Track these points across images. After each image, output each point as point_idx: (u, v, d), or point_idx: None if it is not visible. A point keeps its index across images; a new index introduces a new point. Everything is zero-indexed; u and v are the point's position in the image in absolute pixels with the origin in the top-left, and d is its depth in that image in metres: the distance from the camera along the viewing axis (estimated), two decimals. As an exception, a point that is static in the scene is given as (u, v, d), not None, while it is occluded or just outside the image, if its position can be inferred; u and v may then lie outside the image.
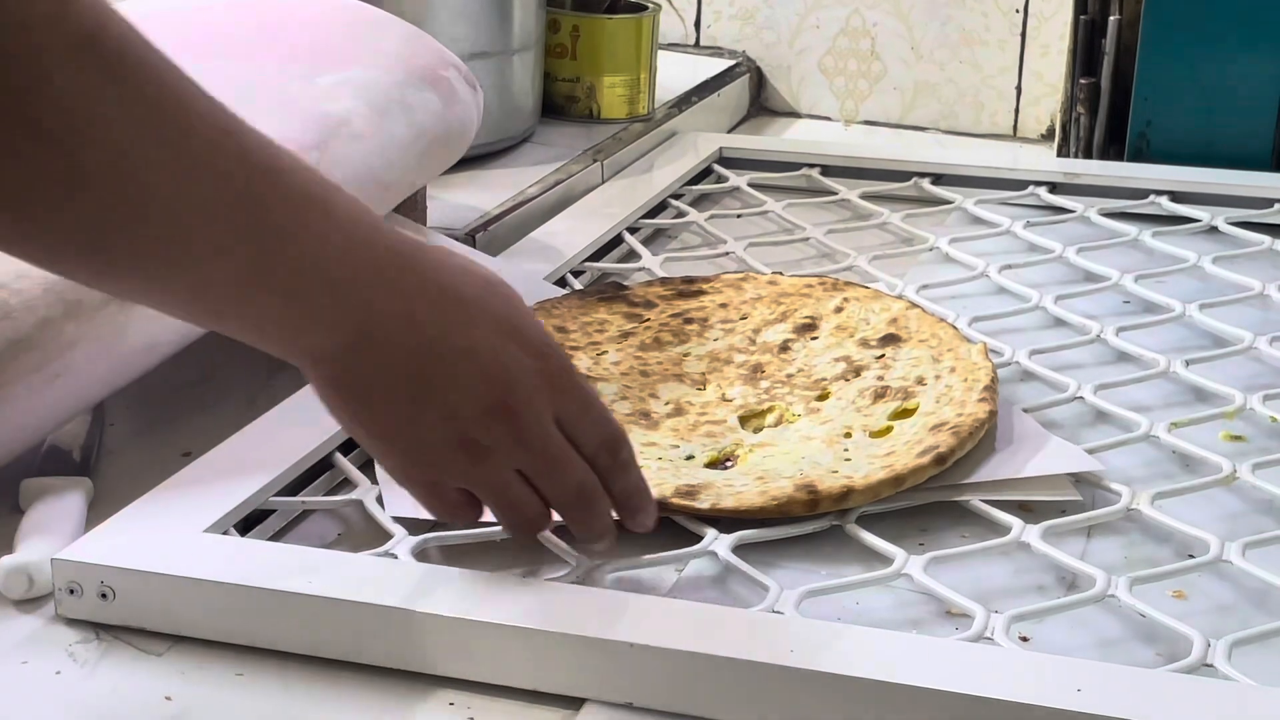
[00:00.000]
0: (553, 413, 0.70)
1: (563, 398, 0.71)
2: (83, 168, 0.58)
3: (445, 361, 0.68)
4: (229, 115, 0.63)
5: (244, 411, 0.91)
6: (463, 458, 0.70)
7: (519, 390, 0.69)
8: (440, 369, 0.68)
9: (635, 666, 0.68)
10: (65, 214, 0.59)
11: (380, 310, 0.67)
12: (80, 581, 0.73)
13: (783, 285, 1.04)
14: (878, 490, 0.81)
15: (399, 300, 0.67)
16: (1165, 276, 1.16)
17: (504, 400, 0.69)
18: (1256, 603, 0.78)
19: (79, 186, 0.59)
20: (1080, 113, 1.45)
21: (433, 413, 0.68)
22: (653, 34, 1.48)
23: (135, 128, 0.59)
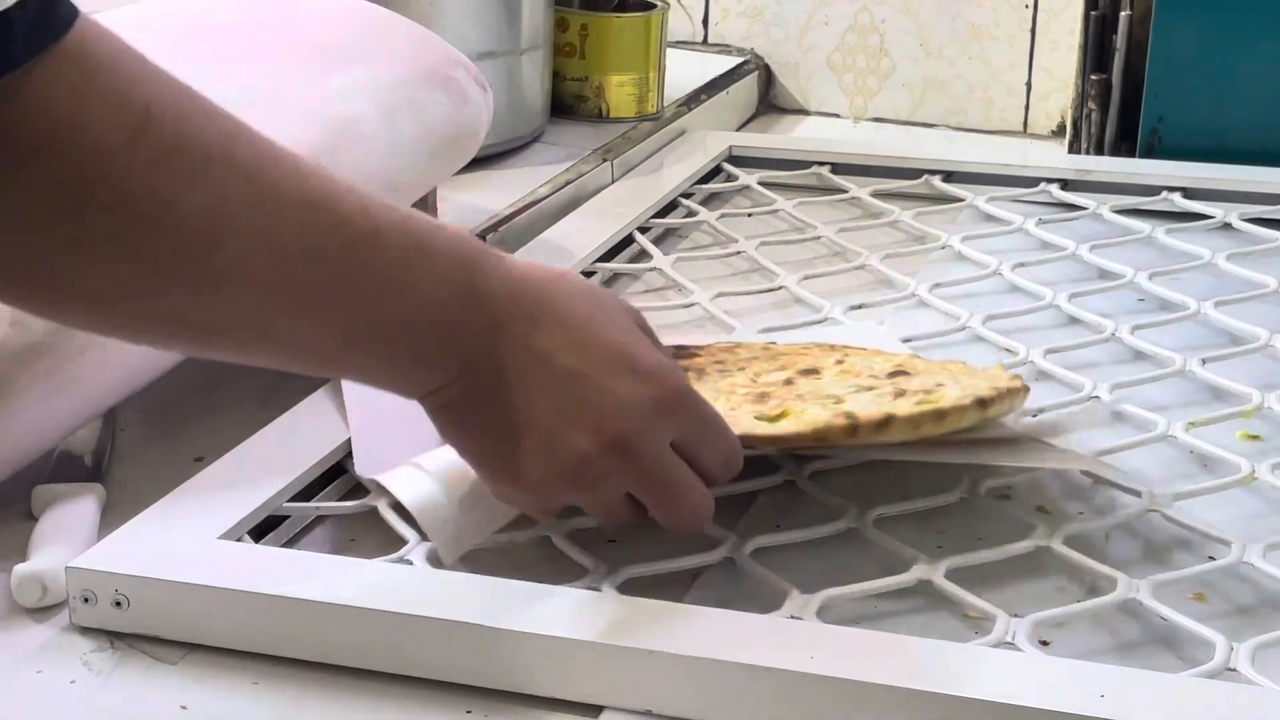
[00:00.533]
0: (671, 437, 0.70)
1: (680, 422, 0.71)
2: (169, 267, 0.62)
3: (555, 395, 0.68)
4: (324, 184, 0.65)
5: (255, 416, 0.90)
6: (573, 488, 0.70)
7: (633, 422, 0.69)
8: (549, 403, 0.68)
9: (654, 673, 0.68)
10: (157, 307, 0.63)
11: (484, 351, 0.68)
12: (94, 590, 0.73)
13: (778, 348, 0.96)
14: (919, 422, 0.78)
15: (504, 338, 0.68)
16: (1179, 274, 1.16)
17: (618, 434, 0.69)
18: (1278, 605, 0.77)
19: (166, 283, 0.62)
20: (1091, 109, 1.44)
21: (542, 446, 0.69)
22: (661, 32, 1.47)
23: (217, 231, 0.62)
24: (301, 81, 0.97)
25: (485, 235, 1.18)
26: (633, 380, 0.69)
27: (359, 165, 0.95)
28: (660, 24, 1.47)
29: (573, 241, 1.18)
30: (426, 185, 1.03)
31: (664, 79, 1.49)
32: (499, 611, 0.70)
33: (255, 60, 1.00)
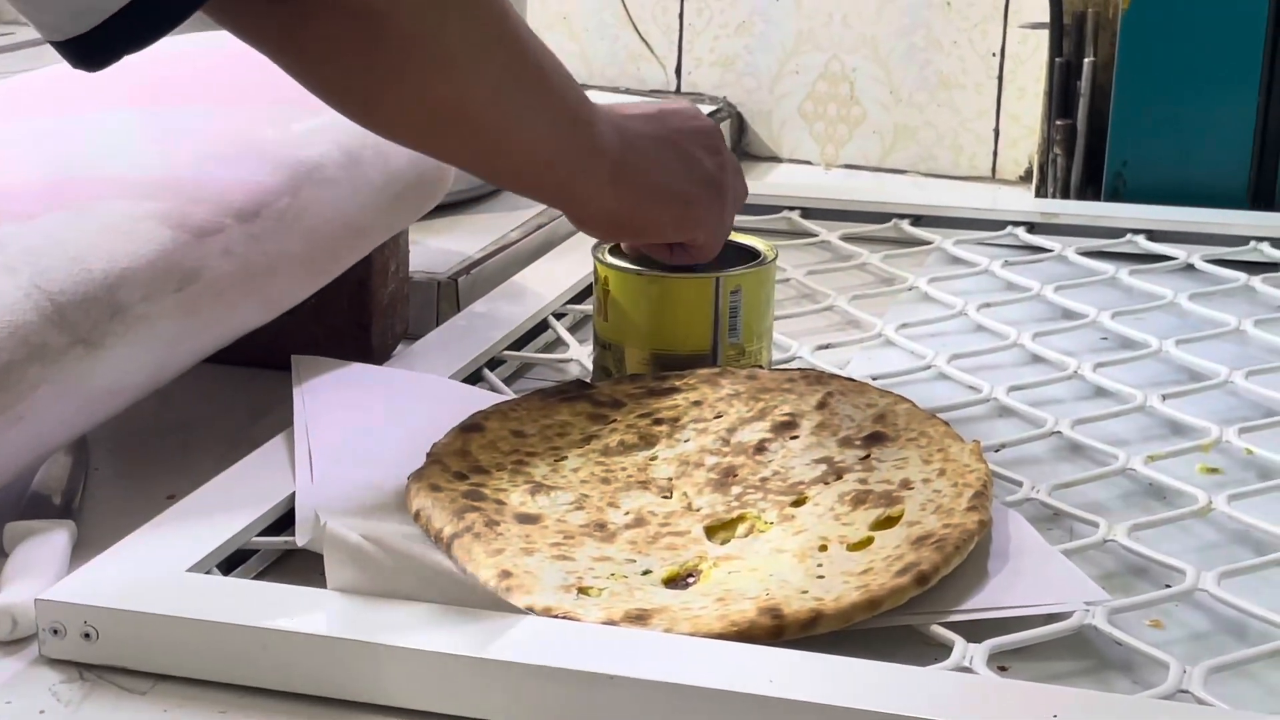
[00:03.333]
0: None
1: (724, 144, 1.02)
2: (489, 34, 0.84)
3: (676, 135, 0.97)
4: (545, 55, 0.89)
5: (227, 455, 0.91)
6: (712, 192, 0.98)
7: (717, 139, 0.99)
8: (676, 140, 0.97)
9: (615, 698, 0.68)
10: (473, 74, 0.83)
11: (627, 127, 0.94)
12: (63, 622, 0.73)
13: (762, 380, 0.96)
14: (850, 615, 0.74)
15: (632, 122, 0.95)
16: (1142, 313, 1.17)
17: (716, 145, 0.99)
18: (1233, 631, 0.78)
19: (487, 48, 0.83)
20: (1057, 154, 1.46)
21: (683, 166, 0.96)
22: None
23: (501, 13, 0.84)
24: (267, 126, 0.99)
25: (456, 278, 1.20)
26: (686, 120, 0.99)
27: (321, 208, 0.96)
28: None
29: (544, 285, 1.19)
30: (392, 229, 1.04)
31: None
32: (463, 639, 0.71)
33: (224, 103, 1.01)
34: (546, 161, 0.90)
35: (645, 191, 0.95)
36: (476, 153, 0.89)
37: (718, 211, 0.98)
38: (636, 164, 0.94)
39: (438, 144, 0.89)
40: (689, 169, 0.96)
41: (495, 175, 0.95)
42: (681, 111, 1.00)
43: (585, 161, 0.91)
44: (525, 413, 0.94)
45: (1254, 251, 1.29)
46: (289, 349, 1.00)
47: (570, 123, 0.90)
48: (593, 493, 0.87)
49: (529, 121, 0.87)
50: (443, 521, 0.82)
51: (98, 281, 0.84)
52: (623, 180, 0.93)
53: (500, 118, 0.86)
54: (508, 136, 0.87)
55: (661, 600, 0.75)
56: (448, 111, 0.84)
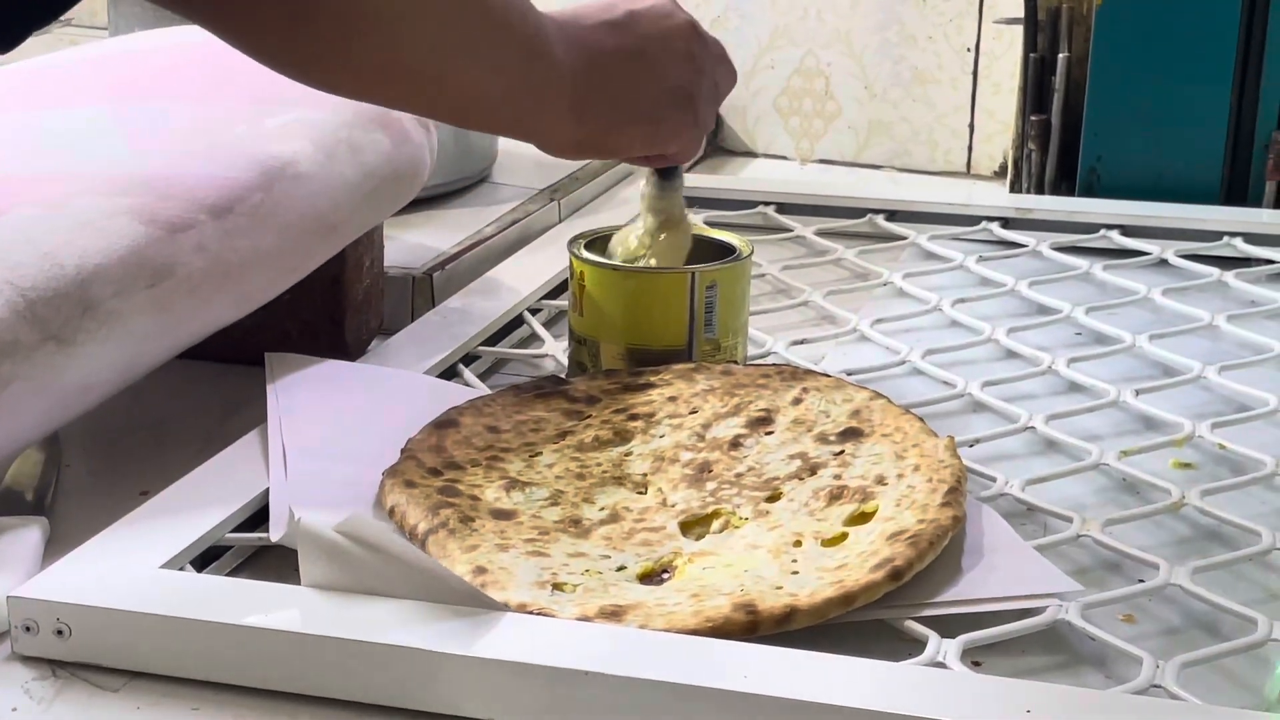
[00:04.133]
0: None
1: (701, 40, 0.98)
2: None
3: (644, 43, 0.94)
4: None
5: (200, 451, 0.91)
6: (682, 103, 0.96)
7: (691, 39, 0.96)
8: (645, 49, 0.94)
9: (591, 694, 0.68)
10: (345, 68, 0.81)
11: (589, 43, 0.91)
12: (36, 619, 0.73)
13: (738, 375, 0.96)
14: (824, 610, 0.74)
15: (596, 35, 0.92)
16: (1116, 309, 1.18)
17: (688, 49, 0.96)
18: (1205, 626, 0.78)
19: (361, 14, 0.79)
20: (1031, 149, 1.47)
21: (652, 80, 0.94)
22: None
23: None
24: (240, 121, 0.98)
25: (431, 274, 1.19)
26: (674, 13, 0.96)
27: (294, 204, 0.95)
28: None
29: (518, 280, 1.19)
30: (366, 224, 1.04)
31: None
32: (438, 635, 0.71)
33: (197, 99, 1.01)
34: (498, 100, 0.88)
35: (609, 115, 0.93)
36: (422, 103, 0.89)
37: (690, 123, 0.97)
38: (599, 86, 0.92)
39: (380, 98, 0.89)
40: (658, 81, 0.95)
41: (450, 118, 0.94)
42: (652, 11, 0.96)
43: (541, 95, 0.89)
44: (500, 408, 0.94)
45: (1227, 247, 1.30)
46: (263, 345, 1.00)
47: (523, 58, 0.88)
48: (568, 488, 0.86)
49: (472, 66, 0.85)
50: (417, 517, 0.82)
51: (70, 277, 0.84)
52: (585, 107, 0.91)
53: (440, 67, 0.84)
54: (452, 83, 0.85)
55: (636, 596, 0.75)
56: (386, 70, 0.82)
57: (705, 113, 0.98)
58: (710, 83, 0.98)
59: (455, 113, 0.91)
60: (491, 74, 0.86)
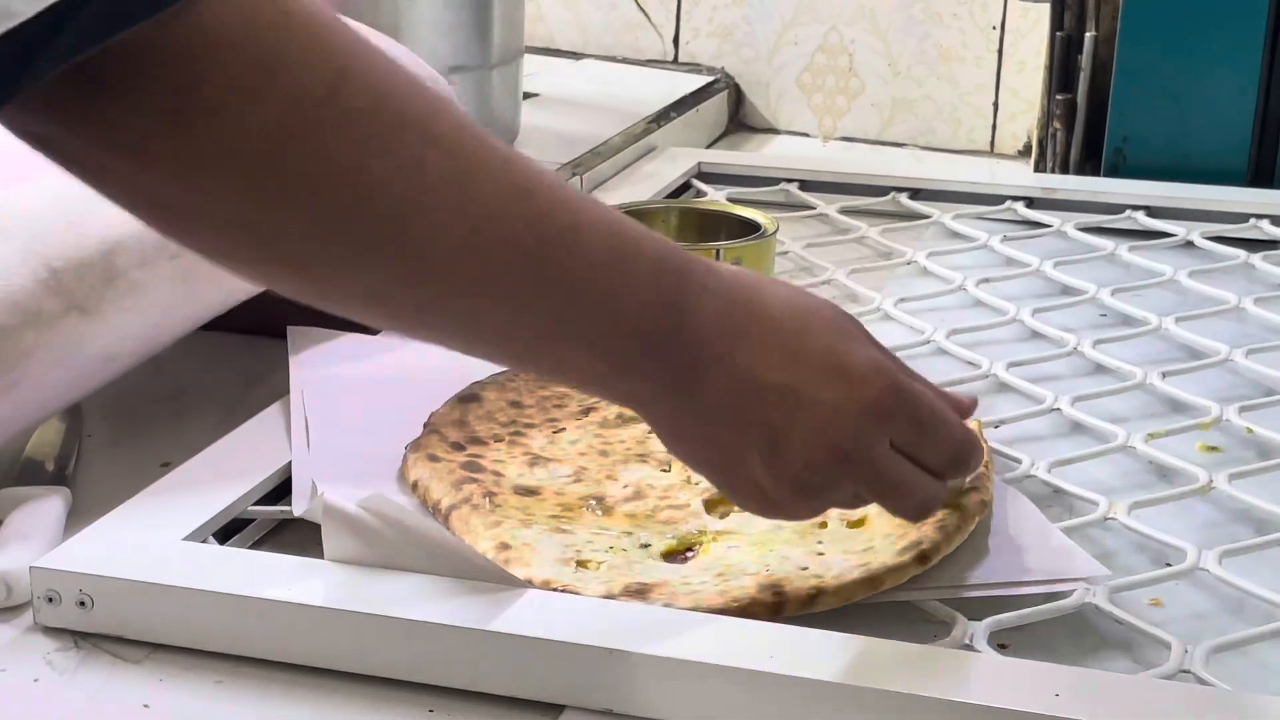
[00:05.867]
0: (887, 438, 0.69)
1: (895, 423, 0.69)
2: (360, 236, 0.60)
3: (765, 404, 0.67)
4: (527, 174, 0.63)
5: (222, 422, 0.91)
6: (804, 498, 0.70)
7: (846, 431, 0.68)
8: (761, 411, 0.67)
9: (615, 672, 0.68)
10: (349, 276, 0.62)
11: (689, 367, 0.67)
12: (58, 589, 0.73)
13: None
14: (851, 592, 0.73)
15: (710, 345, 0.67)
16: (1142, 290, 1.17)
17: (833, 445, 0.68)
18: (1233, 610, 0.78)
19: (357, 252, 0.61)
20: (1057, 128, 1.46)
21: (758, 455, 0.68)
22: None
23: (412, 198, 0.60)
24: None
25: (454, 247, 1.19)
26: (843, 387, 0.68)
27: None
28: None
29: (541, 254, 1.18)
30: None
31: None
32: (460, 611, 0.70)
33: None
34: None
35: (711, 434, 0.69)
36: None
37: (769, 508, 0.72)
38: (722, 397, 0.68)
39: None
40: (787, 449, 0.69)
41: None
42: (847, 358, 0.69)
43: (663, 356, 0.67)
44: (523, 383, 0.93)
45: (1254, 229, 1.29)
46: (284, 316, 1.00)
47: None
48: (591, 465, 0.86)
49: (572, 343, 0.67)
50: (441, 492, 0.81)
51: (94, 247, 0.83)
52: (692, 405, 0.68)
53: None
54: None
55: (661, 575, 0.75)
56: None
57: (810, 512, 0.74)
58: (846, 494, 0.72)
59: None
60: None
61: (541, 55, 1.74)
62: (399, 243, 0.61)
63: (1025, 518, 0.82)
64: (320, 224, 0.60)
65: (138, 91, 0.56)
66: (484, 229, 0.62)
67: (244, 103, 0.57)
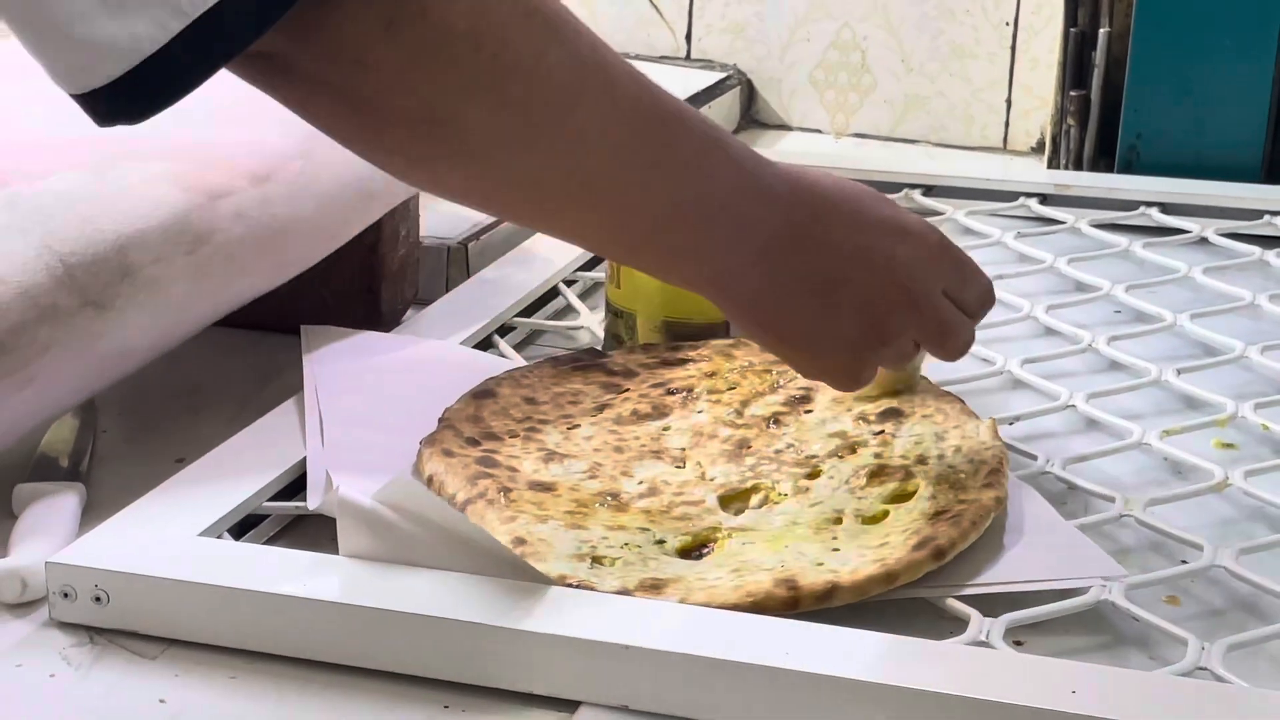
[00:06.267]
0: (942, 285, 0.80)
1: (947, 271, 0.80)
2: (536, 120, 0.68)
3: (843, 264, 0.77)
4: (639, 74, 0.72)
5: (236, 418, 0.91)
6: (873, 343, 0.79)
7: (913, 279, 0.79)
8: (840, 271, 0.77)
9: (631, 668, 0.68)
10: (519, 160, 0.70)
11: (774, 233, 0.75)
12: (74, 585, 0.73)
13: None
14: (866, 588, 0.74)
15: (791, 219, 0.76)
16: (1156, 287, 1.16)
17: (902, 291, 0.78)
18: (1249, 607, 0.78)
19: (532, 136, 0.69)
20: (1070, 124, 1.46)
21: (839, 311, 0.78)
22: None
23: (575, 86, 0.69)
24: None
25: (466, 244, 1.19)
26: (909, 244, 0.79)
27: (334, 172, 0.95)
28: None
29: (554, 252, 1.18)
30: (403, 193, 1.03)
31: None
32: (476, 607, 0.70)
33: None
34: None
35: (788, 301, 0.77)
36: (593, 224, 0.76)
37: (849, 370, 0.81)
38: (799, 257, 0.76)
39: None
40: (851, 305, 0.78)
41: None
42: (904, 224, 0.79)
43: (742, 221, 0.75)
44: (537, 380, 0.93)
45: (1268, 225, 1.29)
46: (299, 313, 1.00)
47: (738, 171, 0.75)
48: (605, 461, 0.86)
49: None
50: (456, 487, 0.81)
51: (109, 243, 0.83)
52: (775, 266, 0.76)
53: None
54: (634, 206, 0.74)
55: (676, 570, 0.75)
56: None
57: (871, 368, 0.81)
58: (909, 341, 0.81)
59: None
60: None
61: (554, 52, 1.74)
62: (566, 125, 0.69)
63: (1040, 515, 0.82)
64: (506, 111, 0.67)
65: (359, 2, 0.64)
66: (626, 110, 0.71)
67: (446, 7, 0.65)
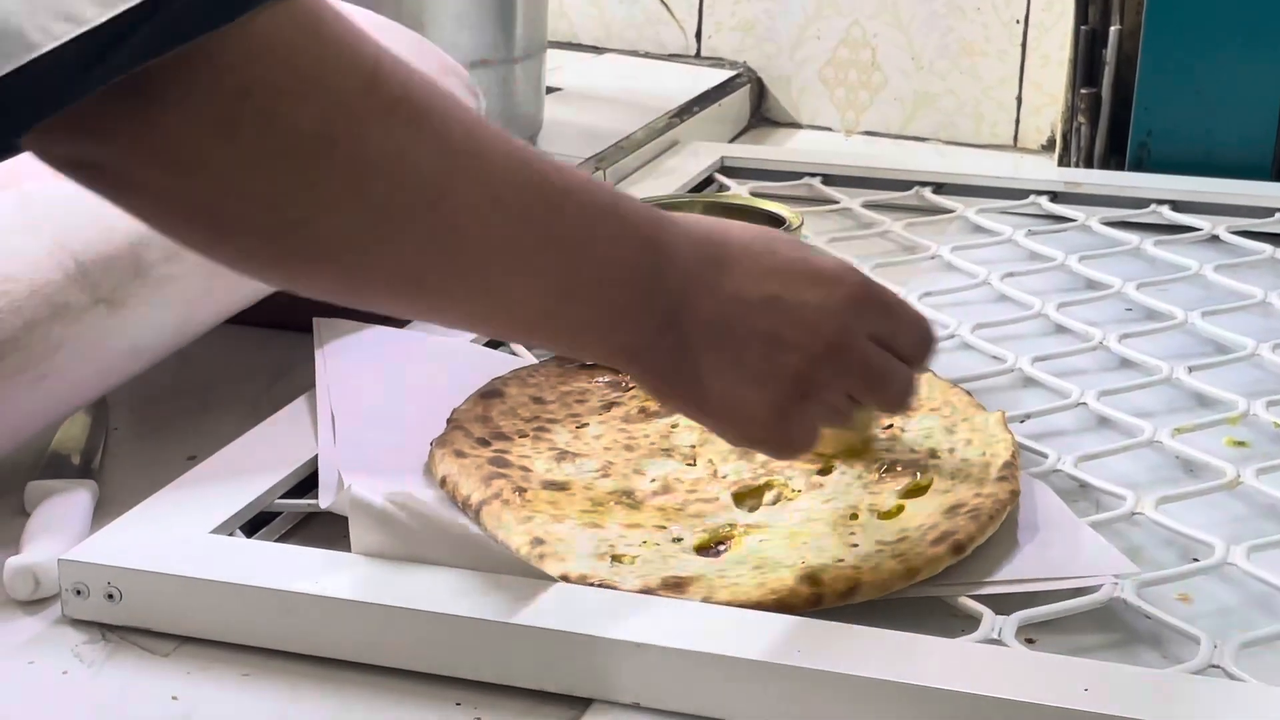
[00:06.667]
0: (868, 330, 0.73)
1: (871, 314, 0.74)
2: (399, 218, 0.62)
3: (753, 317, 0.71)
4: (521, 147, 0.67)
5: (248, 416, 0.91)
6: (796, 399, 0.72)
7: (834, 325, 0.72)
8: (750, 325, 0.71)
9: (642, 666, 0.68)
10: (384, 259, 0.63)
11: (678, 294, 0.70)
12: (86, 582, 0.73)
13: None
14: (888, 584, 0.74)
15: (696, 275, 0.70)
16: (1167, 284, 1.16)
17: (820, 340, 0.72)
18: (1261, 605, 0.78)
19: (396, 234, 0.62)
20: (1081, 122, 1.45)
21: (755, 369, 0.71)
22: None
23: (443, 178, 0.63)
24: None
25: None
26: (822, 287, 0.72)
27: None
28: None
29: (565, 249, 1.18)
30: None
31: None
32: (488, 605, 0.70)
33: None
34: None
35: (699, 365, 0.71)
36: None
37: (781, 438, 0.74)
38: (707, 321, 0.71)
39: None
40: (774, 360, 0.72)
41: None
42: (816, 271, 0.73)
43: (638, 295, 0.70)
44: (544, 379, 0.93)
45: (1279, 224, 1.28)
46: (310, 310, 1.00)
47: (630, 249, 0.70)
48: (617, 460, 0.86)
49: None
50: (470, 488, 0.81)
51: (121, 241, 0.83)
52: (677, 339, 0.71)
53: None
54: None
55: (696, 568, 0.75)
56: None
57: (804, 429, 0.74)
58: (839, 395, 0.74)
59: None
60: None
61: (564, 50, 1.74)
62: (434, 219, 0.63)
63: (1053, 513, 0.82)
64: (365, 212, 0.61)
65: (191, 102, 0.56)
66: (504, 197, 0.65)
67: (294, 105, 0.58)
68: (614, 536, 0.77)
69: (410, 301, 0.68)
